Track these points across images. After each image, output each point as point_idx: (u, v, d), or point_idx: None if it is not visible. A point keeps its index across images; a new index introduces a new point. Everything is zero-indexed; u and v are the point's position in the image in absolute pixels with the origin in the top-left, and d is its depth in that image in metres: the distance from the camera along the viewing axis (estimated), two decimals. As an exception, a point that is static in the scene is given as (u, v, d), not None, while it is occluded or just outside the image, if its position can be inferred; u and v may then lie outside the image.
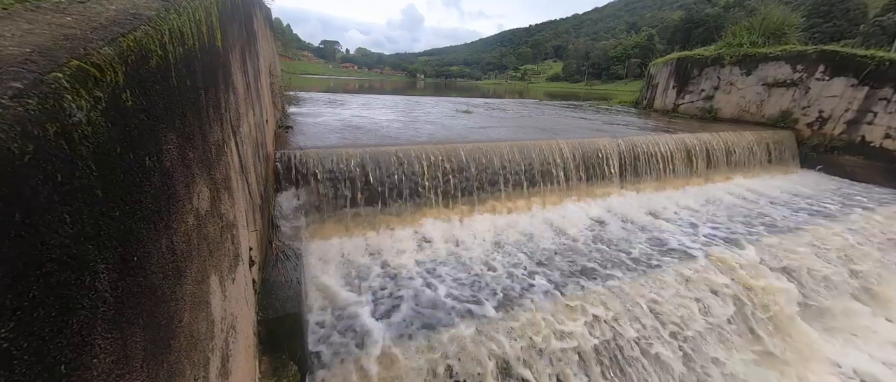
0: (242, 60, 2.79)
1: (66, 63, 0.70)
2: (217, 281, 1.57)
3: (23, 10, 0.85)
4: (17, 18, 0.79)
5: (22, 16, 0.82)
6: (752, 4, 33.58)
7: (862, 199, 6.84)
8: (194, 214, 1.38)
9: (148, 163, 1.00)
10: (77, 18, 0.91)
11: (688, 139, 7.14)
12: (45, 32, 0.77)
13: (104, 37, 0.88)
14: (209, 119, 1.69)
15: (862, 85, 8.41)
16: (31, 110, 0.57)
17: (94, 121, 0.73)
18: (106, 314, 0.75)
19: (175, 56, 1.28)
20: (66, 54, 0.73)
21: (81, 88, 0.70)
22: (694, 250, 4.31)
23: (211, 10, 1.88)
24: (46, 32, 0.77)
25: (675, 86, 12.55)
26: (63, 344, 0.63)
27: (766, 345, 3.66)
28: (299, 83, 18.55)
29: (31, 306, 0.56)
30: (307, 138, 5.07)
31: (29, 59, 0.64)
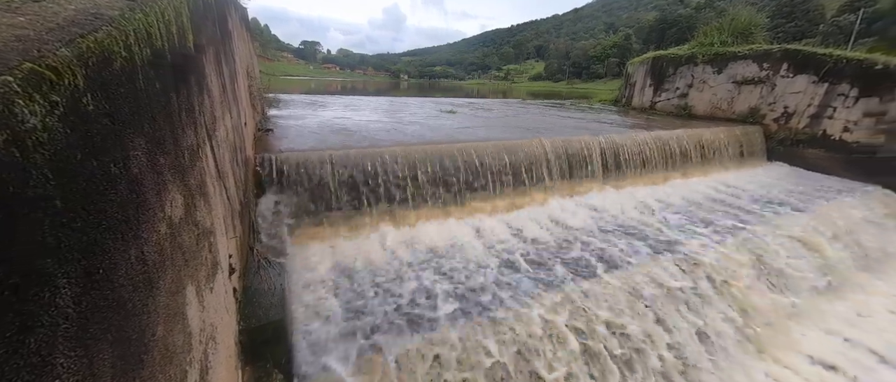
0: (217, 61, 2.70)
1: (18, 66, 0.66)
2: (194, 291, 1.52)
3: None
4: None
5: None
6: (722, 6, 35.14)
7: (824, 191, 7.26)
8: (167, 222, 1.33)
9: (113, 170, 0.95)
10: (31, 19, 0.86)
11: (665, 136, 7.39)
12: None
13: (61, 38, 0.83)
14: (182, 123, 1.63)
15: (822, 81, 8.91)
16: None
17: (50, 126, 0.69)
18: (68, 331, 0.71)
19: (142, 57, 1.22)
20: (18, 56, 0.69)
21: (35, 92, 0.66)
22: (675, 243, 4.46)
23: (181, 9, 1.81)
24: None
25: (652, 85, 12.96)
26: (20, 366, 0.59)
27: (742, 330, 3.83)
28: (279, 85, 18.11)
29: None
30: (289, 141, 4.96)
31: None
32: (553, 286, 3.37)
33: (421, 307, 2.98)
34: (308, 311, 2.81)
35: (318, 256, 3.67)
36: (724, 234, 4.87)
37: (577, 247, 4.23)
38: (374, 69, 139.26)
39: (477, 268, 3.63)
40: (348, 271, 3.48)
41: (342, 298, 3.05)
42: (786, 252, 4.93)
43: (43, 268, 0.67)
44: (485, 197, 5.10)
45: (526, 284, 3.38)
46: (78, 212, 0.77)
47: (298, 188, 3.96)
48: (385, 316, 2.83)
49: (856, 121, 8.42)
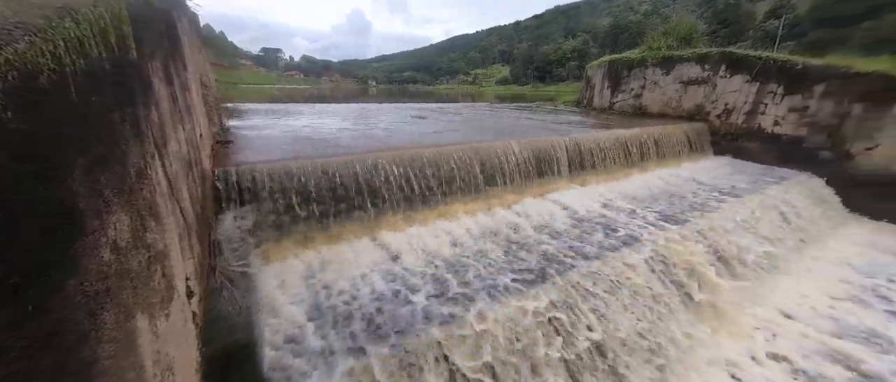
0: (166, 71, 2.52)
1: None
2: (146, 320, 1.40)
3: None
4: None
5: None
6: (667, 12, 38.13)
7: (762, 179, 8.04)
8: (111, 247, 1.22)
9: (41, 192, 0.86)
10: (-68, 28, 0.76)
11: (625, 134, 7.85)
12: None
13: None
14: (126, 138, 1.50)
15: (754, 81, 9.90)
16: None
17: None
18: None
19: (74, 69, 1.12)
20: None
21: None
22: (639, 232, 4.74)
23: (121, 16, 1.68)
24: None
25: (610, 87, 13.75)
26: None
27: (699, 305, 4.13)
28: (240, 94, 17.22)
29: None
30: (250, 152, 4.72)
31: None
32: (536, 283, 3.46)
33: (393, 318, 2.93)
34: (277, 331, 2.67)
35: (288, 271, 3.51)
36: (679, 223, 5.24)
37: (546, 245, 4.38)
38: (340, 75, 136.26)
39: (443, 280, 3.64)
40: (320, 285, 3.36)
41: (314, 314, 2.93)
42: (733, 234, 5.40)
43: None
44: (461, 200, 5.14)
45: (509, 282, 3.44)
46: (7, 244, 0.69)
47: (263, 201, 3.77)
48: (363, 329, 2.76)
49: (783, 116, 9.42)
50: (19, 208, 0.79)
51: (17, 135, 0.78)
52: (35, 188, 0.82)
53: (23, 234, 0.79)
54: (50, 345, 0.82)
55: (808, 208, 7.21)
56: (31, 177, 0.81)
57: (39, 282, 0.82)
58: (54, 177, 0.92)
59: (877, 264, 6.16)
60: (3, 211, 0.72)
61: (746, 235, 5.56)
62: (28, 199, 0.79)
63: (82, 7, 1.29)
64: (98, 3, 1.48)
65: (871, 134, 8.06)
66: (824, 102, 8.71)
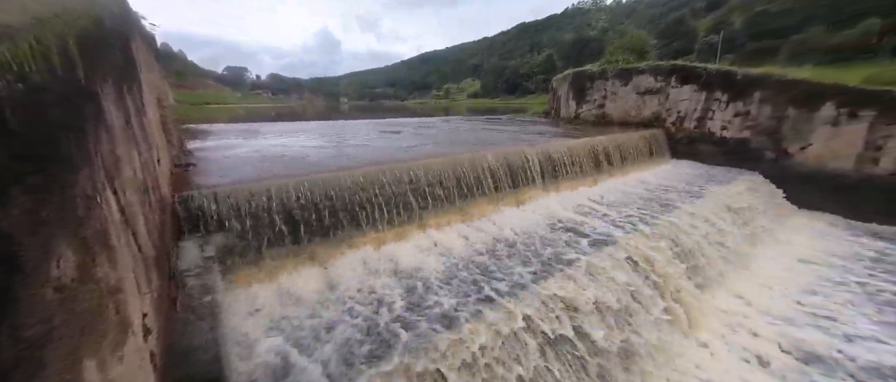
0: (118, 92, 2.38)
1: None
2: (94, 366, 1.26)
3: None
4: None
5: None
6: (622, 28, 41.10)
7: (715, 179, 8.68)
8: (54, 286, 1.11)
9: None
10: None
11: (593, 142, 8.24)
12: None
13: None
14: (72, 165, 1.39)
15: (702, 90, 10.80)
16: None
17: None
18: None
19: (14, 94, 1.03)
20: None
21: None
22: (610, 234, 4.93)
23: (66, 36, 1.58)
24: None
25: (575, 98, 14.46)
26: None
27: (668, 304, 4.32)
28: (203, 114, 16.44)
29: None
30: (213, 175, 4.50)
31: None
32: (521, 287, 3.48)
33: (374, 341, 2.84)
34: (249, 363, 2.50)
35: (258, 299, 3.32)
36: (645, 223, 5.51)
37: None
38: (311, 93, 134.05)
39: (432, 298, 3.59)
40: (292, 311, 3.20)
41: (288, 342, 2.78)
42: (693, 231, 5.75)
43: None
44: (440, 213, 5.13)
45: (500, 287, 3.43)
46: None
47: (227, 226, 3.58)
48: (342, 358, 2.64)
49: (729, 121, 10.29)
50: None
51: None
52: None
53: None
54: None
55: (757, 204, 7.84)
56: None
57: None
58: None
59: (818, 251, 6.77)
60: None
61: (701, 230, 5.94)
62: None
63: (23, 28, 1.20)
64: (41, 24, 1.39)
65: (804, 135, 8.97)
66: (763, 107, 9.62)
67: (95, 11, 2.27)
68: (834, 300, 5.19)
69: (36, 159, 1.14)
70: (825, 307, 5.01)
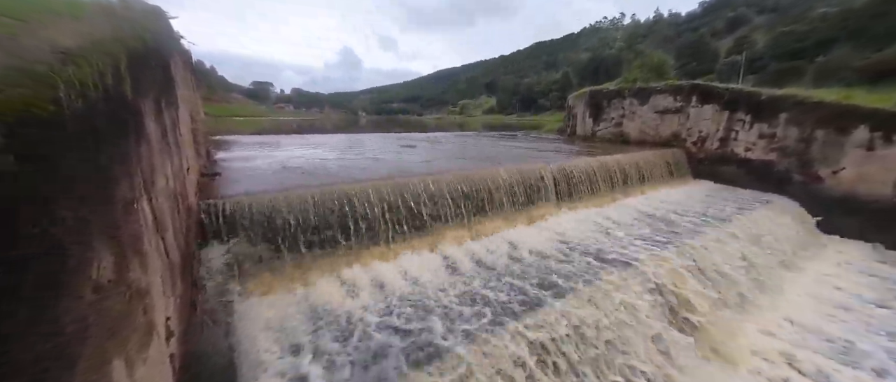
0: (157, 107, 2.56)
1: (-76, 130, 0.61)
2: (122, 365, 1.33)
3: None
4: None
5: None
6: (640, 47, 40.99)
7: (741, 202, 8.36)
8: (92, 287, 1.19)
9: (31, 231, 0.86)
10: (-60, 77, 0.79)
11: (609, 160, 8.14)
12: None
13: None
14: (115, 174, 1.51)
15: (724, 110, 10.57)
16: None
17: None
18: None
19: (72, 110, 1.15)
20: (-76, 120, 0.63)
21: (-57, 158, 0.61)
22: (630, 256, 4.79)
23: (119, 58, 1.74)
24: None
25: (592, 116, 14.40)
26: None
27: (693, 332, 4.12)
28: (231, 126, 17.23)
29: None
30: (238, 185, 4.69)
31: None
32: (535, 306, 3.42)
33: (384, 356, 2.83)
34: (262, 372, 2.54)
35: (273, 308, 3.38)
36: (666, 246, 5.33)
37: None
38: (331, 107, 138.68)
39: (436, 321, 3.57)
40: (307, 322, 3.24)
41: (302, 354, 2.81)
42: (718, 256, 5.51)
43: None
44: (453, 227, 5.14)
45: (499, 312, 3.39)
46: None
47: (248, 235, 3.70)
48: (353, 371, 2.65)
49: (754, 143, 9.98)
50: (5, 247, 0.78)
51: (18, 178, 0.79)
52: (26, 228, 0.82)
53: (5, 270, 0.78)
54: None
55: (787, 230, 7.47)
56: (25, 219, 0.82)
57: (16, 324, 0.80)
58: (48, 217, 0.92)
59: (853, 281, 6.34)
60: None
61: (730, 257, 5.68)
62: (17, 235, 0.79)
63: (85, 51, 1.34)
64: (98, 47, 1.54)
65: (835, 158, 8.58)
66: (789, 129, 9.30)
67: (144, 34, 2.48)
68: (869, 333, 4.83)
69: (87, 168, 1.25)
70: (859, 341, 4.66)
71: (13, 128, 0.83)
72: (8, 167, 0.79)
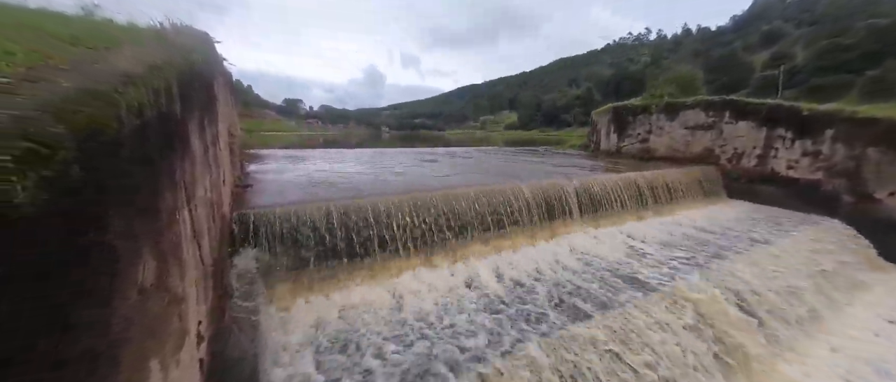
0: (201, 124, 2.77)
1: (14, 145, 0.69)
2: (158, 366, 1.40)
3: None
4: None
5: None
6: (666, 63, 40.02)
7: (783, 224, 7.77)
8: (137, 289, 1.27)
9: (91, 238, 0.94)
10: (30, 99, 0.91)
11: (635, 177, 7.87)
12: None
13: (57, 115, 0.88)
14: (161, 186, 1.63)
15: (761, 126, 10.03)
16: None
17: (38, 202, 0.70)
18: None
19: (130, 128, 1.27)
20: (15, 136, 0.72)
21: (29, 170, 0.69)
22: (658, 281, 4.54)
23: (171, 79, 1.91)
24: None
25: (616, 132, 14.08)
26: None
27: (732, 366, 3.79)
28: (262, 140, 18.21)
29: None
30: (268, 196, 4.91)
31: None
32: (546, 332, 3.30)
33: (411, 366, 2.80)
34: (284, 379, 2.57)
35: (298, 316, 3.46)
36: (701, 269, 5.02)
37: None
38: (356, 123, 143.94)
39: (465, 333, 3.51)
40: (329, 331, 3.28)
41: (324, 364, 2.83)
42: (760, 281, 5.11)
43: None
44: (473, 243, 5.10)
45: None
46: (52, 286, 0.75)
47: (276, 244, 3.84)
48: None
49: (797, 160, 9.35)
50: (69, 254, 0.86)
51: (82, 189, 0.88)
52: (87, 234, 0.90)
53: (66, 278, 0.85)
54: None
55: (838, 256, 6.84)
56: (87, 225, 0.90)
57: (74, 327, 0.86)
58: (105, 224, 1.00)
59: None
60: (59, 255, 0.79)
61: (773, 285, 5.25)
62: (81, 243, 0.87)
63: (143, 74, 1.49)
64: (154, 70, 1.70)
65: (892, 179, 7.87)
66: (837, 146, 8.66)
67: (193, 57, 2.72)
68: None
69: (139, 180, 1.36)
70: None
71: (81, 143, 0.92)
72: (75, 177, 0.88)
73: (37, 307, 0.71)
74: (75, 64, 1.40)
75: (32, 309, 0.69)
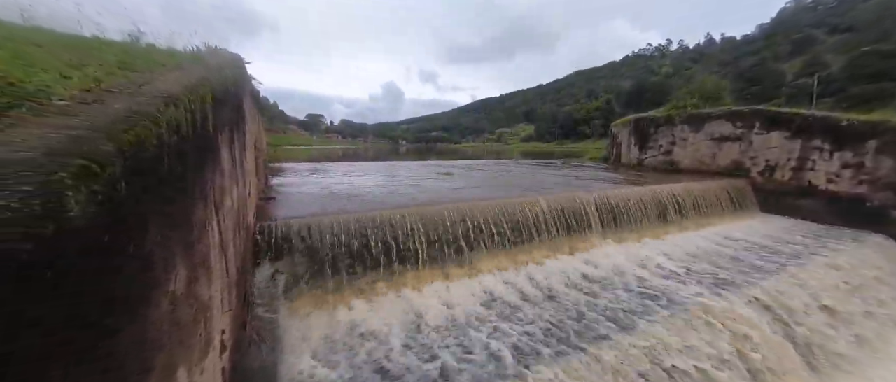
0: (230, 139, 2.92)
1: (73, 162, 0.76)
2: (185, 374, 1.45)
3: (32, 117, 0.92)
4: (29, 125, 0.86)
5: (34, 122, 0.89)
6: (690, 73, 39.04)
7: (823, 240, 7.26)
8: (169, 298, 1.33)
9: (131, 249, 1.00)
10: (84, 120, 0.99)
11: (659, 190, 7.61)
12: (55, 136, 0.84)
13: (107, 134, 0.96)
14: (194, 198, 1.72)
15: (795, 137, 9.53)
16: (35, 211, 0.60)
17: (88, 214, 0.76)
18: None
19: (169, 145, 1.36)
20: (72, 154, 0.79)
21: (82, 185, 0.75)
22: (686, 300, 4.32)
23: (206, 98, 2.04)
24: (56, 136, 0.84)
25: (637, 143, 13.73)
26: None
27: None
28: (285, 154, 18.91)
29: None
30: (290, 208, 5.06)
31: (39, 163, 0.70)
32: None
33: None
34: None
35: (316, 327, 3.49)
36: (731, 287, 4.73)
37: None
38: (374, 136, 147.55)
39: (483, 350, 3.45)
40: (346, 342, 3.29)
41: (342, 376, 2.84)
42: (800, 300, 4.76)
43: (48, 356, 0.68)
44: (489, 256, 5.05)
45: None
46: (93, 293, 0.80)
47: (297, 255, 3.93)
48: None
49: (837, 173, 8.78)
50: (112, 264, 0.91)
51: (126, 202, 0.94)
52: (128, 246, 0.96)
53: (107, 287, 0.90)
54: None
55: (889, 275, 6.29)
56: (127, 236, 0.96)
57: (113, 333, 0.91)
58: (143, 235, 1.07)
59: None
60: (103, 265, 0.84)
61: (816, 306, 4.88)
62: (123, 254, 0.92)
63: (182, 95, 1.60)
64: (191, 91, 1.82)
65: (949, 192, 7.24)
66: (881, 159, 8.09)
67: (224, 76, 2.89)
68: None
69: (175, 193, 1.44)
70: None
71: (127, 160, 0.99)
72: (120, 191, 0.94)
73: (81, 311, 0.76)
74: (123, 87, 1.53)
75: (77, 312, 0.74)
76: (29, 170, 0.67)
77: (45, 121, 0.91)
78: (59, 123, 0.94)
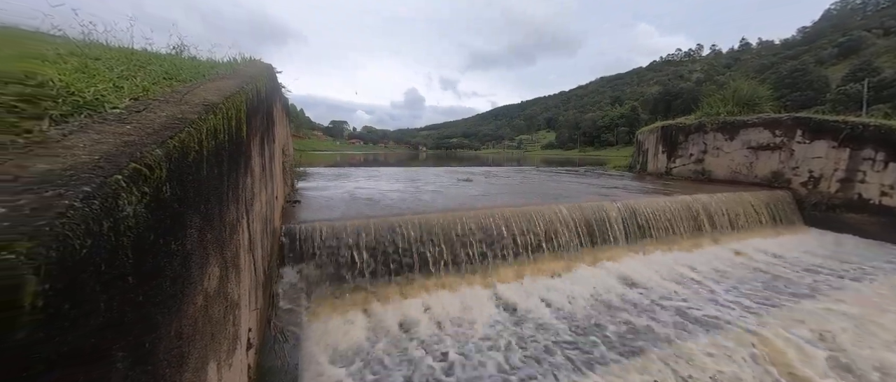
0: (261, 145, 3.06)
1: (126, 166, 0.82)
2: (215, 368, 1.51)
3: (92, 123, 1.01)
4: (89, 131, 0.95)
5: (92, 128, 0.97)
6: (722, 79, 37.31)
7: (880, 259, 6.64)
8: (204, 294, 1.40)
9: (173, 247, 1.06)
10: (135, 127, 1.07)
11: (689, 200, 7.26)
12: (110, 141, 0.91)
13: (156, 140, 1.03)
14: (227, 200, 1.81)
15: (842, 147, 8.83)
16: (95, 209, 0.66)
17: (137, 213, 0.82)
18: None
19: (208, 150, 1.44)
20: (126, 158, 0.86)
21: (134, 187, 0.81)
22: (718, 315, 4.06)
23: (241, 106, 2.16)
24: (111, 141, 0.91)
25: (665, 151, 13.19)
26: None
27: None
28: (309, 158, 19.58)
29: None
30: (313, 211, 5.21)
31: (97, 165, 0.76)
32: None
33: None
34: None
35: (338, 329, 3.55)
36: (772, 306, 4.41)
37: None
38: (395, 142, 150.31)
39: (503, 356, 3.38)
40: (368, 346, 3.32)
41: (364, 377, 2.86)
42: (854, 324, 4.35)
43: (104, 346, 0.73)
44: (507, 265, 4.98)
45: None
46: (143, 288, 0.86)
47: (320, 258, 4.04)
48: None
49: (892, 186, 8.04)
50: (158, 261, 0.97)
51: (170, 203, 1.01)
52: (170, 245, 1.02)
53: (153, 283, 0.96)
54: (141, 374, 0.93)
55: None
56: (171, 236, 1.02)
57: (157, 326, 0.96)
58: (184, 234, 1.13)
59: None
60: (150, 262, 0.90)
61: (872, 326, 4.44)
62: (166, 252, 0.98)
63: (220, 103, 1.70)
64: (229, 99, 1.93)
65: None
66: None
67: (259, 84, 3.05)
68: None
69: (212, 195, 1.53)
70: None
71: (172, 164, 1.06)
72: (166, 193, 1.01)
73: (129, 308, 0.81)
74: (169, 95, 1.64)
75: (124, 309, 0.79)
76: (90, 172, 0.72)
77: (102, 128, 1.00)
78: (114, 129, 1.02)
